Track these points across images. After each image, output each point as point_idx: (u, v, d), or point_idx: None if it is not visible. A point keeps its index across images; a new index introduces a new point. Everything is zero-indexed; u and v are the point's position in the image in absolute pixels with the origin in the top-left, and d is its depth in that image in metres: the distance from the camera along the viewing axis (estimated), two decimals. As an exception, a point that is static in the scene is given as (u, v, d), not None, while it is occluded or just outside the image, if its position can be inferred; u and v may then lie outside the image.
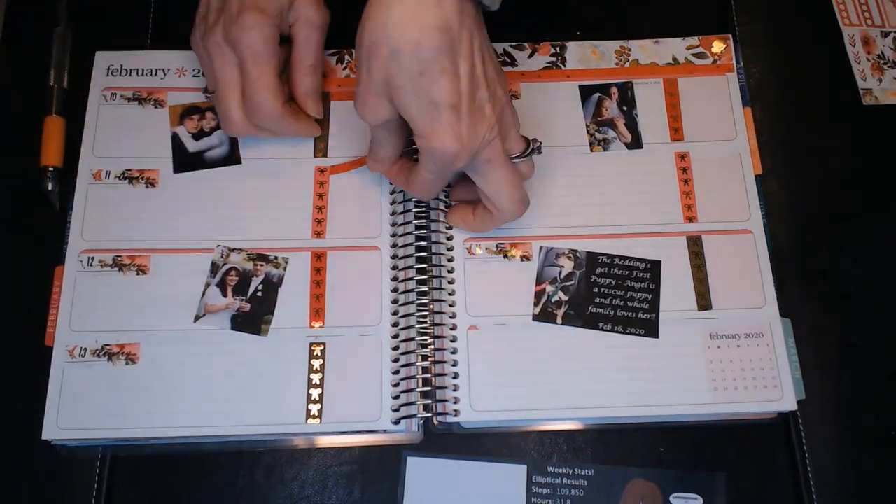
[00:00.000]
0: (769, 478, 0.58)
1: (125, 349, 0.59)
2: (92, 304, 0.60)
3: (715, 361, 0.60)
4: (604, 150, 0.65)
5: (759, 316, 0.61)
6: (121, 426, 0.57)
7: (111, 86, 0.66)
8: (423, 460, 0.58)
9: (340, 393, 0.58)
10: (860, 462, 0.59)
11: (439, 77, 0.50)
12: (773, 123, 0.67)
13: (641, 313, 0.61)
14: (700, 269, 0.62)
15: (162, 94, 0.66)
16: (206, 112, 0.66)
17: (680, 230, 0.63)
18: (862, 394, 0.60)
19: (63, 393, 0.58)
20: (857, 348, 0.61)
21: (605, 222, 0.63)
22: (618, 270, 0.62)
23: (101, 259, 0.61)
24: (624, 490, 0.58)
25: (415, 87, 0.50)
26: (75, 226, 0.62)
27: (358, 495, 0.58)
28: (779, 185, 0.65)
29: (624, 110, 0.67)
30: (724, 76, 0.67)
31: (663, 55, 0.68)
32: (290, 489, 0.58)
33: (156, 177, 0.64)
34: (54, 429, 0.57)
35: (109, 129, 0.65)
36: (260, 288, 0.61)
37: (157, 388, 0.58)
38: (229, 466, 0.58)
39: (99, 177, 0.64)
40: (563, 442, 0.59)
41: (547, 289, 0.62)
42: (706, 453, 0.59)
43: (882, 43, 0.69)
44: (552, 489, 0.57)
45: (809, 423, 0.59)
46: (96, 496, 0.57)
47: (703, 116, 0.66)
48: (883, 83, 0.69)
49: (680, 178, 0.65)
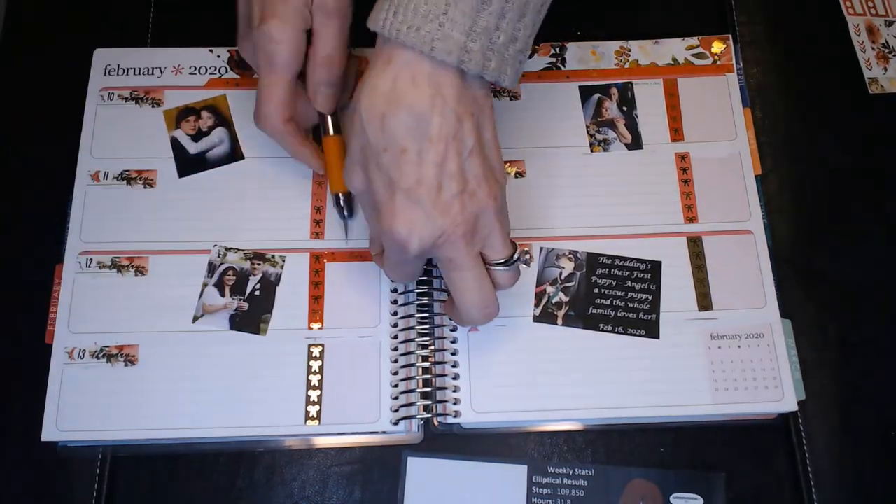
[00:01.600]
0: (769, 478, 0.58)
1: (124, 350, 0.59)
2: (91, 306, 0.60)
3: (715, 362, 0.60)
4: (604, 151, 0.65)
5: (760, 316, 0.61)
6: (120, 427, 0.57)
7: (108, 85, 0.66)
8: (423, 460, 0.58)
9: (339, 395, 0.58)
10: (860, 462, 0.59)
11: (399, 157, 0.48)
12: (773, 123, 0.67)
13: (642, 314, 0.61)
14: (700, 270, 0.62)
15: (159, 94, 0.66)
16: (201, 112, 0.66)
17: (680, 231, 0.63)
18: (862, 394, 0.60)
19: (62, 394, 0.58)
20: (857, 348, 0.61)
21: (605, 223, 0.63)
22: (618, 271, 0.62)
23: (99, 260, 0.61)
24: (624, 490, 0.58)
25: (378, 162, 0.49)
26: (73, 227, 0.62)
27: (358, 495, 0.58)
28: (779, 185, 0.66)
29: (624, 111, 0.67)
30: (724, 76, 0.67)
31: (663, 55, 0.68)
32: (291, 489, 0.58)
33: (154, 177, 0.64)
34: (54, 430, 0.57)
35: (107, 129, 0.65)
36: (258, 287, 0.61)
37: (156, 390, 0.58)
38: (229, 466, 0.58)
39: (97, 178, 0.63)
40: (564, 442, 0.59)
41: (547, 290, 0.62)
42: (706, 453, 0.59)
43: (887, 32, 0.70)
44: (553, 489, 0.57)
45: (809, 423, 0.59)
46: (96, 496, 0.57)
47: (703, 117, 0.66)
48: (888, 72, 0.69)
49: (680, 179, 0.64)
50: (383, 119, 0.48)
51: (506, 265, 0.53)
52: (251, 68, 0.66)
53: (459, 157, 0.49)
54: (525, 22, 0.49)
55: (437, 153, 0.48)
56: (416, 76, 0.47)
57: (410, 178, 0.48)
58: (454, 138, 0.48)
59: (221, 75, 0.67)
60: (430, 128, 0.48)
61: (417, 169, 0.48)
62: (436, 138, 0.48)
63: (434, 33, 0.46)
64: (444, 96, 0.48)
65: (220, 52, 0.67)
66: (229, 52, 0.67)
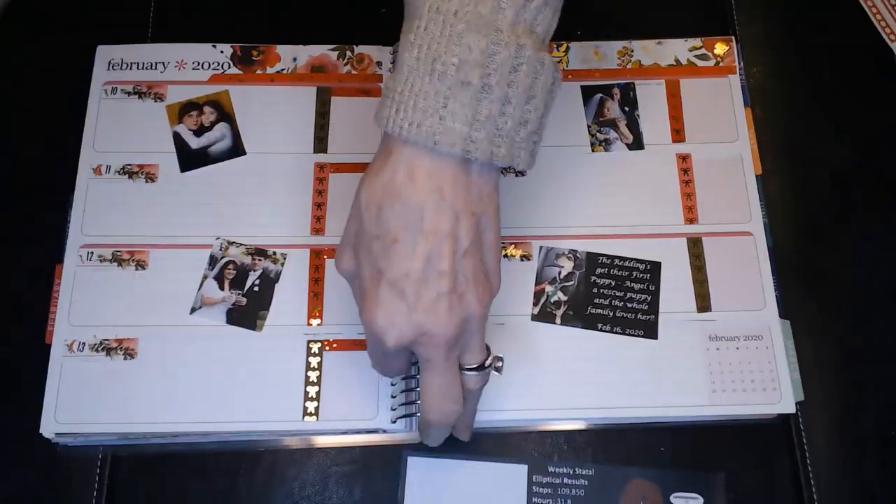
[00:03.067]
0: (769, 478, 0.58)
1: (123, 344, 0.59)
2: (91, 299, 0.60)
3: (714, 363, 0.60)
4: (605, 151, 0.65)
5: (759, 318, 0.61)
6: (119, 421, 0.57)
7: (111, 80, 0.66)
8: (423, 460, 0.58)
9: (338, 391, 0.58)
10: (860, 462, 0.59)
11: (389, 246, 0.47)
12: (774, 124, 0.68)
13: (641, 314, 0.61)
14: (700, 271, 0.62)
15: (162, 88, 0.66)
16: (203, 107, 0.66)
17: (680, 231, 0.63)
18: (861, 394, 0.60)
19: (61, 387, 0.58)
20: (856, 349, 0.62)
21: (605, 223, 0.63)
22: (617, 271, 0.62)
23: (100, 254, 0.61)
24: (624, 490, 0.58)
25: (368, 249, 0.48)
26: (75, 221, 0.62)
27: (358, 495, 0.57)
28: (779, 185, 0.66)
29: (626, 111, 0.67)
30: (727, 78, 0.68)
31: (665, 56, 0.68)
32: (291, 489, 0.57)
33: (156, 171, 0.64)
34: (52, 423, 0.57)
35: (110, 123, 0.65)
36: (257, 283, 0.61)
37: (154, 383, 0.58)
38: (229, 466, 0.58)
39: (99, 172, 0.63)
40: (564, 442, 0.59)
41: (546, 289, 0.62)
42: (706, 453, 0.59)
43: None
44: (553, 489, 0.57)
45: (809, 423, 0.59)
46: (96, 496, 0.57)
47: (704, 118, 0.66)
48: None
49: (681, 180, 0.65)
50: (380, 208, 0.47)
51: (477, 371, 0.51)
52: (254, 64, 0.66)
53: (453, 255, 0.47)
54: (535, 104, 0.47)
55: (428, 247, 0.46)
56: (415, 171, 0.46)
57: (398, 269, 0.46)
58: (449, 235, 0.47)
59: (224, 71, 0.67)
60: (424, 221, 0.46)
61: (406, 261, 0.46)
62: (429, 232, 0.46)
63: (435, 127, 0.45)
64: (443, 191, 0.46)
65: (224, 47, 0.67)
66: (233, 47, 0.67)
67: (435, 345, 0.48)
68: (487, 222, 0.49)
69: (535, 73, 0.46)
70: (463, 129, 0.45)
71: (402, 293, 0.47)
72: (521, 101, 0.47)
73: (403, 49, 0.46)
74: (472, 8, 0.45)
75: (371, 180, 0.47)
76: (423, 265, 0.46)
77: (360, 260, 0.49)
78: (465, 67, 0.45)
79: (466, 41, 0.45)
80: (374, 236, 0.47)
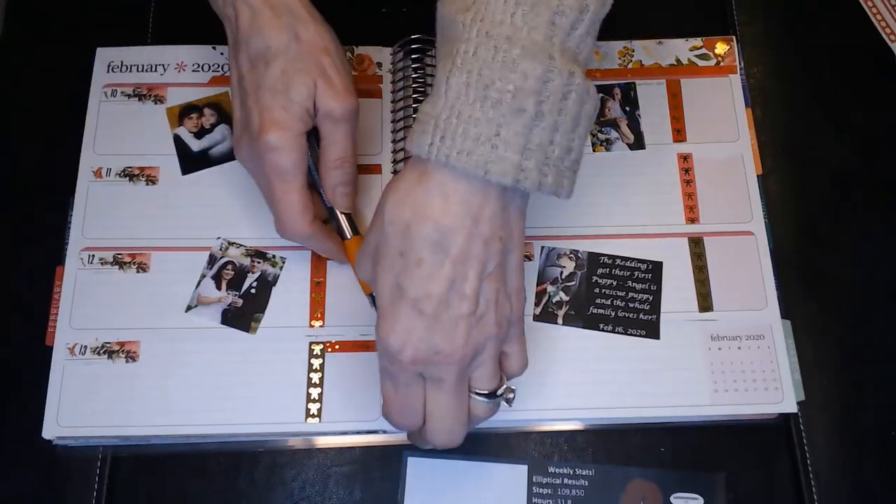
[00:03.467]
0: (769, 478, 0.58)
1: (125, 347, 0.59)
2: (92, 302, 0.60)
3: (716, 363, 0.60)
4: (606, 151, 0.65)
5: (760, 318, 0.61)
6: (121, 424, 0.57)
7: (111, 82, 0.66)
8: (423, 460, 0.58)
9: (340, 392, 0.58)
10: (860, 462, 0.59)
11: (414, 265, 0.46)
12: (774, 123, 0.67)
13: (642, 314, 0.61)
14: (701, 271, 0.62)
15: (162, 90, 0.66)
16: (203, 109, 0.66)
17: (682, 231, 0.63)
18: (862, 394, 0.60)
19: (63, 391, 0.58)
20: (856, 349, 0.62)
21: (606, 223, 0.63)
22: (619, 271, 0.62)
23: (101, 257, 0.61)
24: (624, 490, 0.58)
25: (390, 264, 0.47)
26: (76, 224, 0.62)
27: (359, 495, 0.58)
28: (779, 185, 0.66)
29: (627, 111, 0.67)
30: (727, 77, 0.67)
31: (666, 56, 0.68)
32: (291, 489, 0.58)
33: (156, 174, 0.64)
34: (54, 426, 0.57)
35: (110, 126, 0.65)
36: (254, 285, 0.61)
37: (157, 386, 0.58)
38: (229, 466, 0.58)
39: (99, 174, 0.63)
40: (564, 442, 0.59)
41: (548, 289, 0.62)
42: (706, 453, 0.59)
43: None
44: (553, 489, 0.57)
45: (809, 423, 0.59)
46: (96, 496, 0.57)
47: (705, 118, 0.66)
48: None
49: (682, 180, 0.65)
50: (407, 226, 0.46)
51: (488, 398, 0.51)
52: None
53: (478, 279, 0.47)
54: (579, 132, 0.47)
55: (454, 271, 0.46)
56: (450, 195, 0.46)
57: (420, 289, 0.46)
58: (476, 260, 0.47)
59: (225, 73, 0.67)
60: (454, 247, 0.46)
61: (429, 282, 0.46)
62: (457, 257, 0.46)
63: (488, 156, 0.44)
64: (476, 217, 0.46)
65: (224, 49, 0.67)
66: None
67: (449, 365, 0.48)
68: (512, 246, 0.49)
69: (582, 100, 0.46)
70: (515, 158, 0.45)
71: (421, 313, 0.47)
72: (569, 128, 0.46)
73: (448, 74, 0.45)
74: (526, 34, 0.45)
75: (400, 199, 0.47)
76: (446, 288, 0.46)
77: (379, 272, 0.48)
78: (521, 95, 0.44)
79: (522, 68, 0.44)
80: (398, 252, 0.47)
